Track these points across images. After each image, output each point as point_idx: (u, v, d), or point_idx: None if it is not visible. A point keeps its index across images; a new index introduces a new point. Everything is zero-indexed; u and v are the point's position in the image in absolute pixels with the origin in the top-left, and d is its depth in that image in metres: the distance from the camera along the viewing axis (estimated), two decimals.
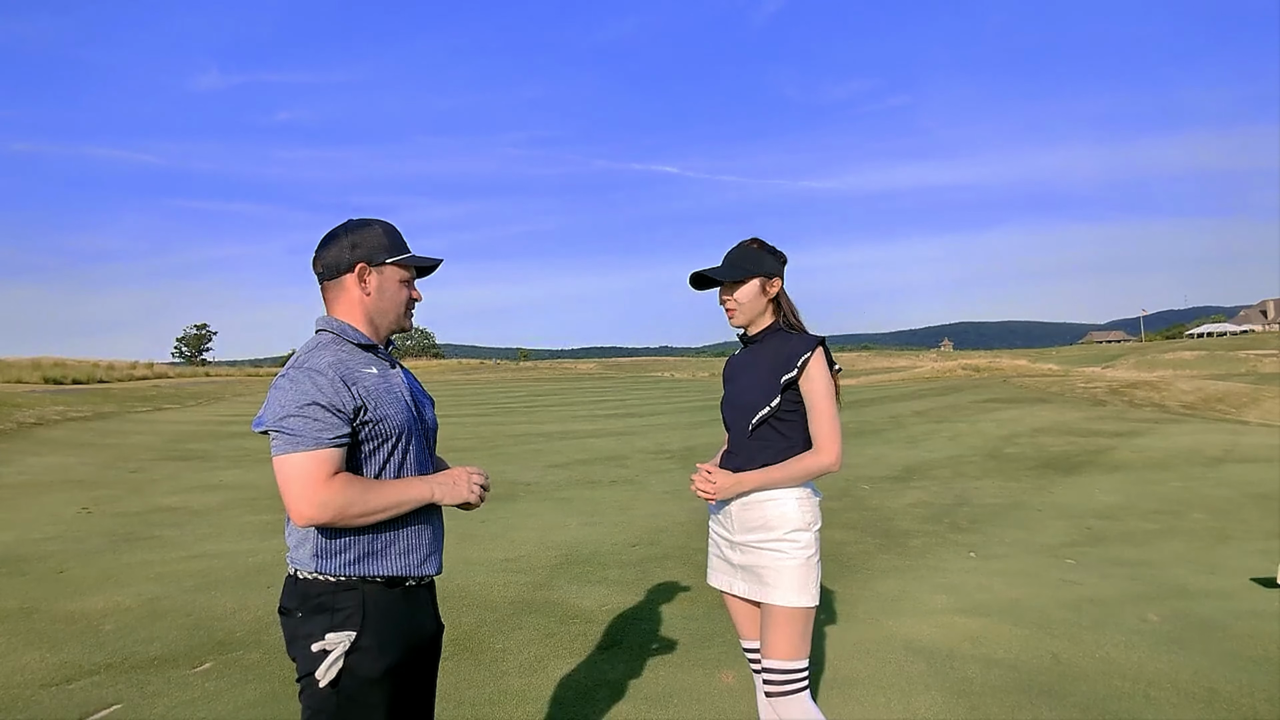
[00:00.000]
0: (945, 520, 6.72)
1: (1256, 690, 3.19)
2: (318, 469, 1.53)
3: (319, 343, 1.67)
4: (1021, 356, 61.68)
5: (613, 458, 11.45)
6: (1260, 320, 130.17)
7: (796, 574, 2.08)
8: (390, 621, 1.63)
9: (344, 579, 1.60)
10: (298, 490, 1.52)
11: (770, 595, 2.08)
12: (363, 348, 1.71)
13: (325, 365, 1.59)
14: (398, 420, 1.66)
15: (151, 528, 6.72)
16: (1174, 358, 57.87)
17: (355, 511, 1.55)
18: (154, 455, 12.27)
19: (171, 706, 3.17)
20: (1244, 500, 7.30)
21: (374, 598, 1.62)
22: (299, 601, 1.62)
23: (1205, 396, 20.75)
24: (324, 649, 1.56)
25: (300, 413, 1.54)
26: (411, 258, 1.76)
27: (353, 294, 1.72)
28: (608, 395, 30.23)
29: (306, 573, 1.61)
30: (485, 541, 6.01)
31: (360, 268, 1.70)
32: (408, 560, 1.67)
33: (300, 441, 1.53)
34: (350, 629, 1.58)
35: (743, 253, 2.22)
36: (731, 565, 2.21)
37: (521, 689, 3.30)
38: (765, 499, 2.12)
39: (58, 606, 4.49)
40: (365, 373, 1.65)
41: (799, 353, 2.12)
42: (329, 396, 1.56)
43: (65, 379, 28.53)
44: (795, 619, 2.07)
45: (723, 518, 2.23)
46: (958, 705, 3.09)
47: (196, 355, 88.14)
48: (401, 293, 1.76)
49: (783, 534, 2.10)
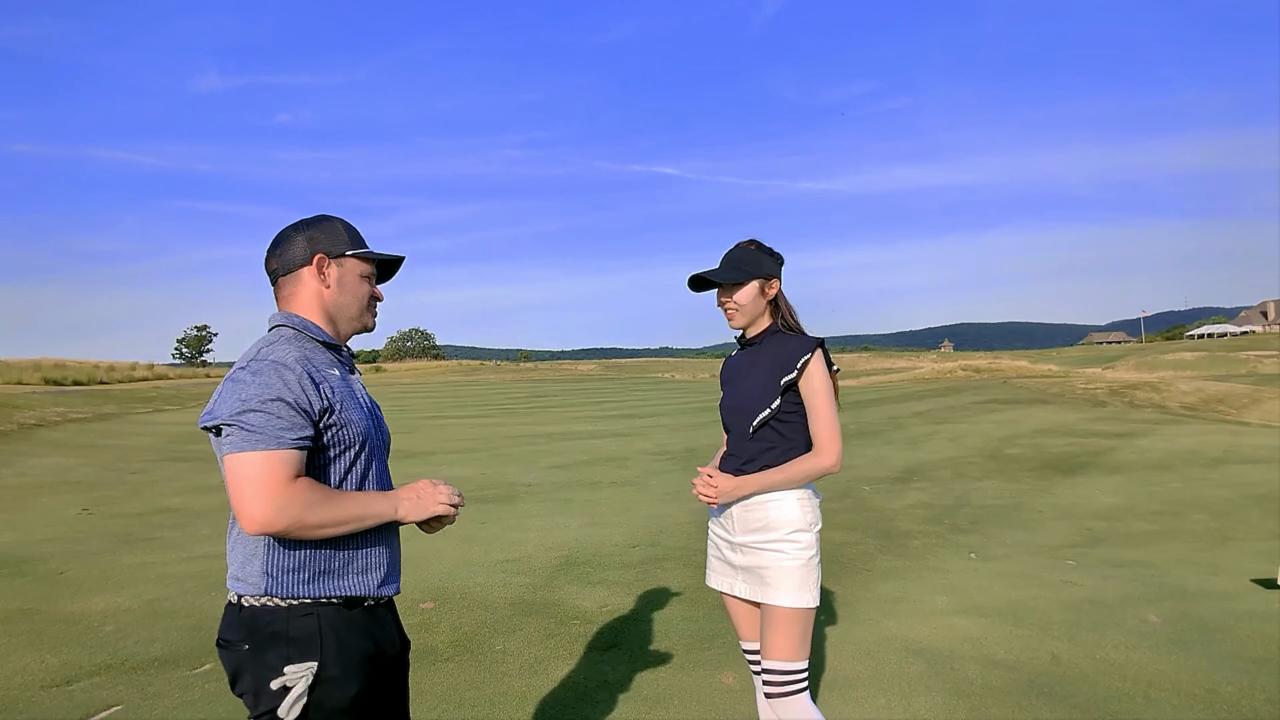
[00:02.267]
0: (946, 521, 6.71)
1: (1257, 691, 3.19)
2: (278, 469, 1.38)
3: (281, 337, 1.54)
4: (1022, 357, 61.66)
5: (613, 459, 11.45)
6: (1261, 321, 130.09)
7: (797, 574, 2.08)
8: (352, 645, 1.49)
9: (296, 603, 1.46)
10: (252, 492, 1.37)
11: (771, 596, 2.08)
12: (325, 346, 1.60)
13: (292, 360, 1.46)
14: (361, 427, 1.55)
15: (152, 529, 6.72)
16: (1174, 359, 57.85)
17: (314, 520, 1.40)
18: (154, 456, 12.27)
19: (172, 708, 3.17)
20: (1244, 501, 7.30)
21: (332, 621, 1.48)
22: (245, 632, 1.46)
23: (1206, 397, 20.74)
24: (285, 685, 1.41)
25: (263, 408, 1.39)
26: (371, 252, 1.67)
27: (310, 287, 1.60)
28: (608, 396, 30.24)
29: (252, 598, 1.46)
30: (485, 543, 6.01)
31: (319, 259, 1.60)
32: (366, 580, 1.53)
33: (259, 439, 1.38)
34: (310, 659, 1.43)
35: (741, 254, 2.21)
36: (732, 567, 2.21)
37: (522, 690, 3.30)
38: (767, 500, 2.12)
39: (58, 608, 4.49)
40: (330, 373, 1.54)
41: (799, 354, 2.12)
42: (295, 393, 1.43)
43: (66, 380, 28.57)
44: (796, 620, 2.07)
45: (723, 519, 2.23)
46: (958, 706, 3.09)
47: (197, 356, 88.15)
48: (362, 287, 1.65)
49: (784, 534, 2.10)
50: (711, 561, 2.31)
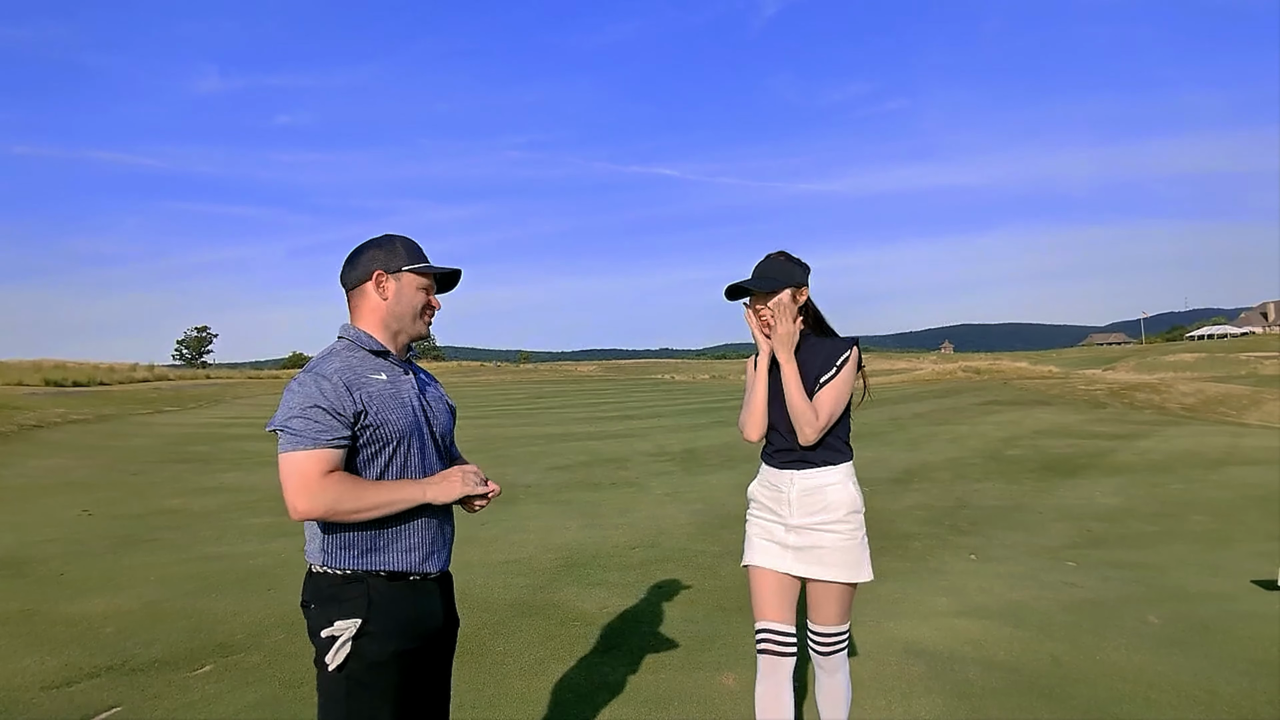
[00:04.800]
0: (946, 523, 6.71)
1: (1257, 693, 3.18)
2: (313, 466, 1.63)
3: (333, 349, 1.79)
4: (1022, 359, 61.65)
5: (613, 460, 11.44)
6: (1261, 322, 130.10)
7: (855, 552, 2.30)
8: (395, 611, 1.71)
9: (350, 572, 1.70)
10: (293, 485, 1.63)
11: (834, 574, 2.28)
12: (375, 354, 1.80)
13: (332, 371, 1.70)
14: (399, 425, 1.74)
15: (152, 530, 6.72)
16: (1175, 360, 57.85)
17: (346, 507, 1.64)
18: (155, 458, 12.27)
19: (172, 709, 3.17)
20: (1244, 503, 7.30)
21: (379, 589, 1.70)
22: (313, 594, 1.72)
23: (1206, 399, 20.74)
24: (332, 634, 1.66)
25: (303, 414, 1.64)
26: (427, 266, 1.85)
27: (371, 300, 1.82)
28: (608, 397, 30.24)
29: (318, 567, 1.72)
30: (486, 544, 6.01)
31: (378, 274, 1.81)
32: (409, 558, 1.75)
33: (300, 440, 1.64)
34: (358, 615, 1.67)
35: (772, 265, 2.41)
36: (784, 547, 2.34)
37: (522, 691, 3.30)
38: (826, 484, 2.31)
39: (58, 609, 4.49)
40: (372, 379, 1.74)
41: (839, 353, 2.33)
42: (330, 401, 1.66)
43: (66, 381, 28.55)
44: (849, 592, 2.34)
45: (774, 505, 2.38)
46: (958, 707, 3.09)
47: (197, 357, 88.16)
48: (418, 298, 1.84)
49: (842, 515, 2.30)
50: (756, 543, 2.41)
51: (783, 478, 2.37)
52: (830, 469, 2.33)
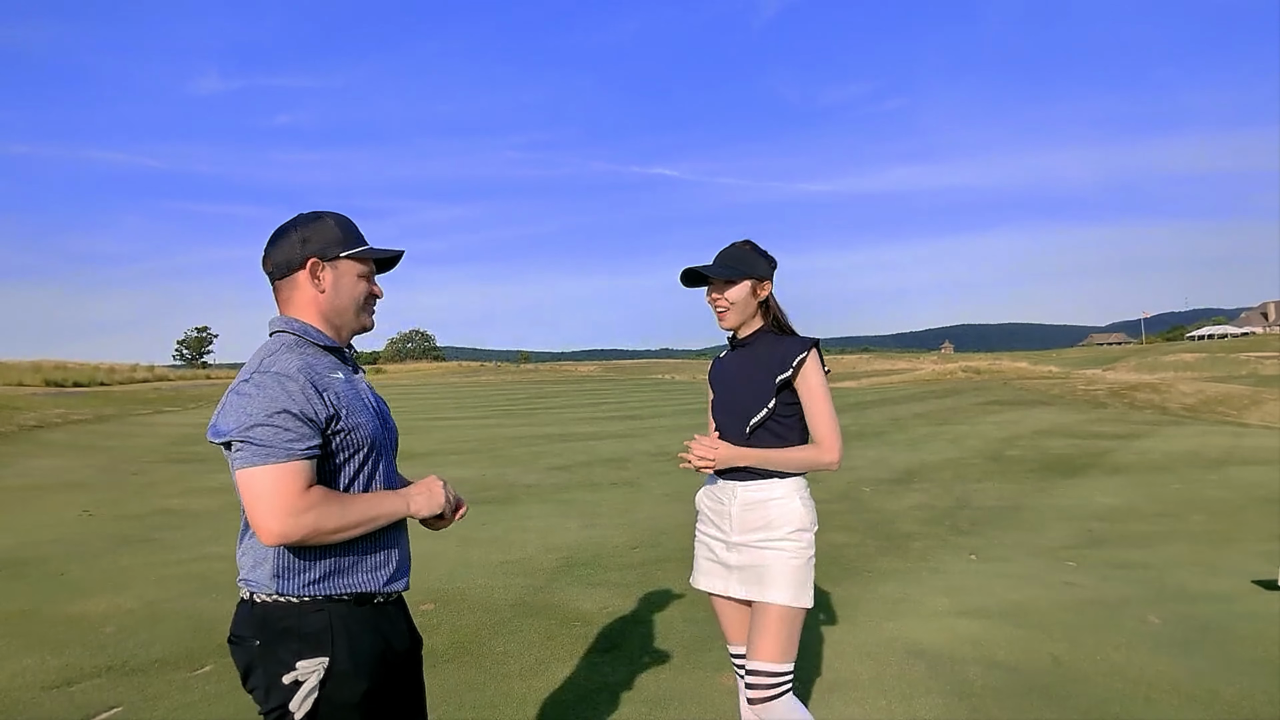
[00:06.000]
0: (946, 523, 6.71)
1: (1258, 693, 3.18)
2: (291, 482, 1.40)
3: (282, 345, 1.54)
4: (1022, 359, 61.67)
5: (613, 460, 11.44)
6: (1261, 322, 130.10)
7: (797, 574, 2.07)
8: (363, 641, 1.51)
9: (308, 599, 1.48)
10: (268, 506, 1.39)
11: (769, 595, 2.06)
12: (327, 350, 1.60)
13: (294, 370, 1.47)
14: (369, 429, 1.56)
15: (152, 530, 6.72)
16: (1175, 360, 57.85)
17: (331, 527, 1.43)
18: (155, 458, 12.27)
19: (172, 709, 3.17)
20: (1245, 502, 7.30)
21: (343, 617, 1.50)
22: (257, 628, 1.48)
23: (1206, 399, 20.74)
24: (296, 679, 1.44)
25: (269, 421, 1.41)
26: (368, 250, 1.63)
27: (307, 292, 1.59)
28: (608, 398, 30.24)
29: (265, 595, 1.48)
30: (486, 544, 6.01)
31: (313, 263, 1.58)
32: (376, 577, 1.55)
33: (271, 453, 1.40)
34: (322, 654, 1.46)
35: (735, 253, 2.21)
36: (726, 567, 2.17)
37: (522, 692, 3.30)
38: (769, 498, 2.11)
39: (59, 609, 4.49)
40: (333, 378, 1.54)
41: (794, 353, 2.13)
42: (300, 404, 1.43)
43: (66, 381, 28.56)
44: (790, 620, 2.06)
45: (716, 519, 2.21)
46: (959, 708, 3.09)
47: (198, 357, 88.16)
48: (359, 287, 1.63)
49: (785, 533, 2.09)
50: (701, 563, 2.26)
51: (725, 489, 2.18)
52: (776, 482, 2.12)
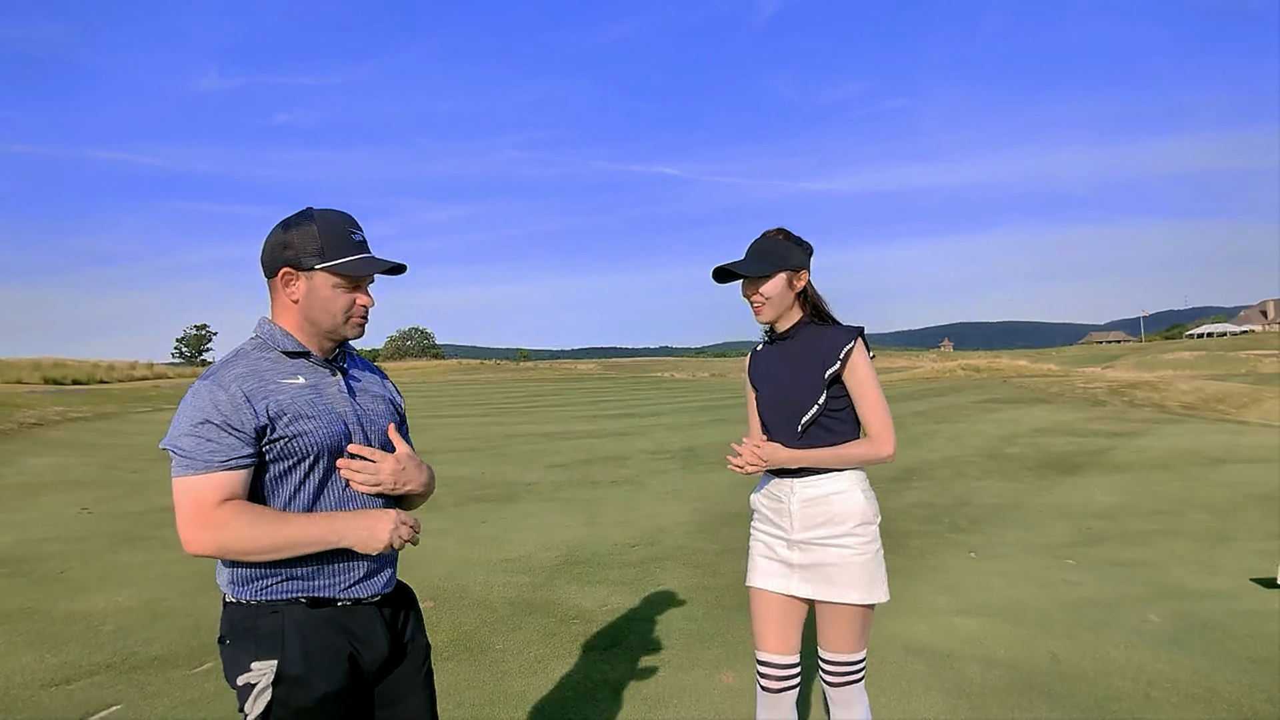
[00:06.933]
0: (945, 521, 6.71)
1: (1257, 691, 3.19)
2: (205, 494, 1.39)
3: (240, 350, 1.54)
4: (1021, 357, 61.71)
5: (613, 458, 11.44)
6: (1260, 320, 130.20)
7: (867, 569, 2.04)
8: (318, 644, 1.46)
9: (265, 602, 1.47)
10: (184, 518, 1.40)
11: (842, 595, 2.02)
12: (292, 355, 1.55)
13: (230, 379, 1.45)
14: (316, 437, 1.49)
15: (152, 528, 6.71)
16: (1174, 358, 57.89)
17: (239, 548, 1.39)
18: (154, 455, 12.25)
19: (172, 707, 3.17)
20: (1244, 501, 7.30)
21: (296, 620, 1.46)
22: (228, 627, 1.49)
23: (1205, 397, 20.75)
24: (249, 681, 1.43)
25: (193, 431, 1.41)
26: (344, 265, 1.51)
27: (281, 298, 1.55)
28: (608, 396, 30.23)
29: (231, 597, 1.50)
30: (485, 542, 6.01)
31: (284, 272, 1.52)
32: (333, 581, 1.50)
33: (189, 464, 1.40)
34: (273, 656, 1.44)
35: (767, 245, 2.12)
36: (789, 565, 2.10)
37: (522, 690, 3.30)
38: (830, 493, 2.06)
39: (58, 607, 4.48)
40: (284, 384, 1.49)
41: (840, 344, 2.05)
42: (225, 414, 1.41)
43: (65, 379, 28.55)
44: (863, 615, 2.05)
45: (775, 516, 2.14)
46: (958, 706, 3.09)
47: (197, 356, 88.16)
48: (336, 300, 1.53)
49: (850, 528, 2.05)
50: (759, 562, 2.17)
51: (783, 487, 2.12)
52: (836, 476, 2.07)
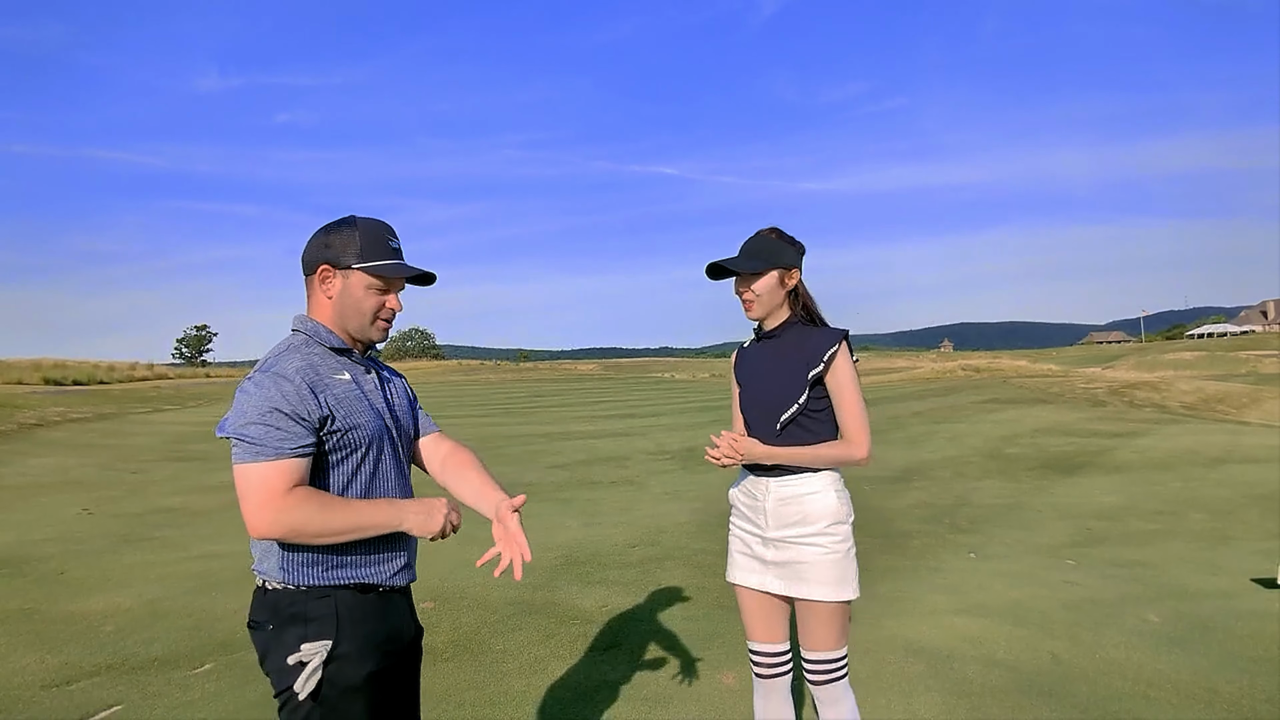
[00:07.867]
0: (945, 521, 6.72)
1: (1257, 691, 3.19)
2: (276, 480, 1.46)
3: (290, 344, 1.61)
4: (1022, 357, 61.70)
5: (613, 458, 11.45)
6: (1261, 321, 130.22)
7: (838, 568, 2.07)
8: (366, 627, 1.57)
9: (316, 586, 1.55)
10: (255, 502, 1.46)
11: (813, 591, 2.07)
12: (336, 351, 1.64)
13: (293, 371, 1.53)
14: (368, 430, 1.60)
15: (152, 529, 6.72)
16: (1174, 358, 57.91)
17: (312, 530, 1.48)
18: (154, 456, 12.26)
19: (172, 707, 3.17)
20: (1244, 501, 7.30)
21: (347, 604, 1.56)
22: (270, 613, 1.56)
23: (1205, 397, 20.75)
24: (300, 660, 1.50)
25: (262, 420, 1.47)
26: (380, 266, 1.62)
27: (318, 295, 1.65)
28: (608, 396, 30.24)
29: (275, 583, 1.56)
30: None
31: (323, 269, 1.63)
32: (379, 569, 1.61)
33: (259, 451, 1.47)
34: (326, 637, 1.52)
35: (760, 243, 2.16)
36: (763, 562, 2.16)
37: (522, 690, 3.30)
38: (805, 493, 2.10)
39: (58, 607, 4.49)
40: (336, 379, 1.59)
41: (825, 346, 2.09)
42: (293, 404, 1.49)
43: (65, 380, 28.54)
44: (838, 612, 2.09)
45: (751, 514, 2.19)
46: (958, 706, 3.09)
47: (197, 356, 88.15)
48: (368, 301, 1.64)
49: (822, 527, 2.08)
50: (736, 558, 2.24)
51: (759, 485, 2.16)
52: (810, 476, 2.10)
